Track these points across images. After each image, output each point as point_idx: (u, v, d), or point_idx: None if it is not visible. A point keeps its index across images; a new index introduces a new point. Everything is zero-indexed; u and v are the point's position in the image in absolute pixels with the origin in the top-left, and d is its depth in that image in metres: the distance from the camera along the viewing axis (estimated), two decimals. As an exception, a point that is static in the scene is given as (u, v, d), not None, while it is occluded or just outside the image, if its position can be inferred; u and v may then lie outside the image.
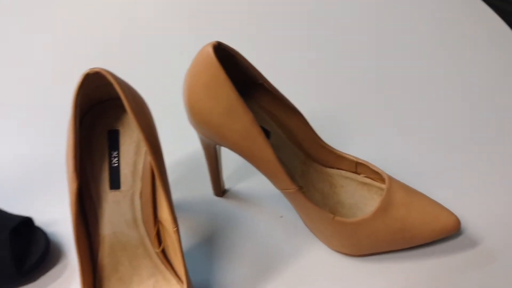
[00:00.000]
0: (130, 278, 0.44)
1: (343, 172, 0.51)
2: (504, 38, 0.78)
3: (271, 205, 0.53)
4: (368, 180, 0.50)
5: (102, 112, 0.44)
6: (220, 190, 0.54)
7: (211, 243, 0.50)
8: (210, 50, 0.39)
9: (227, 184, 0.56)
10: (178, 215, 0.46)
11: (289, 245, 0.49)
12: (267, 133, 0.48)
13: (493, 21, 0.82)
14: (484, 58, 0.75)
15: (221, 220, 0.52)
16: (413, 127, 0.63)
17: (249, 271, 0.47)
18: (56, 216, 0.54)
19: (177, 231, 0.41)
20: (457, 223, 0.44)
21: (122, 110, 0.44)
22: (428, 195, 0.48)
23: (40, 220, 0.53)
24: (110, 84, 0.39)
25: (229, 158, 0.53)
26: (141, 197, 0.44)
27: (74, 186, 0.39)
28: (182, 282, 0.42)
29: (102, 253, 0.44)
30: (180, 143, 0.59)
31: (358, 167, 0.50)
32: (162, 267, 0.44)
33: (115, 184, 0.43)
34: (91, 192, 0.43)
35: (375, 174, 0.48)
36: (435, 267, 0.45)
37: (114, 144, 0.43)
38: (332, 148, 0.50)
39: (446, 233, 0.44)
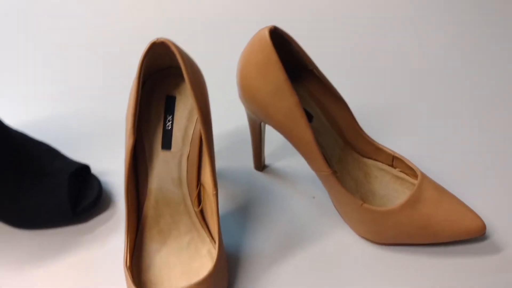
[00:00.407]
0: (169, 231, 0.48)
1: (379, 164, 0.53)
2: None
3: (306, 185, 0.56)
4: (402, 175, 0.51)
5: (162, 78, 0.49)
6: (260, 164, 0.57)
7: (245, 212, 0.54)
8: (266, 33, 0.42)
9: (268, 160, 0.59)
10: (219, 181, 0.50)
11: (317, 224, 0.52)
12: (310, 117, 0.51)
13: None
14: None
15: (257, 192, 0.56)
16: (458, 129, 0.64)
17: (276, 243, 0.50)
18: (110, 167, 0.59)
19: (216, 195, 0.45)
20: (482, 227, 0.45)
21: (181, 78, 0.48)
22: (461, 197, 0.49)
23: (96, 169, 0.59)
24: (173, 54, 0.43)
25: (272, 137, 0.57)
26: (188, 159, 0.48)
27: (131, 141, 0.44)
28: (214, 242, 0.46)
29: (147, 205, 0.48)
30: (229, 116, 0.63)
31: (394, 161, 0.51)
32: (199, 225, 0.48)
33: (166, 145, 0.48)
34: (144, 149, 0.48)
35: (410, 170, 0.50)
36: (453, 267, 0.46)
37: (170, 108, 0.48)
38: (372, 139, 0.52)
39: (470, 235, 0.46)
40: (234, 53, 0.53)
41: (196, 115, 0.47)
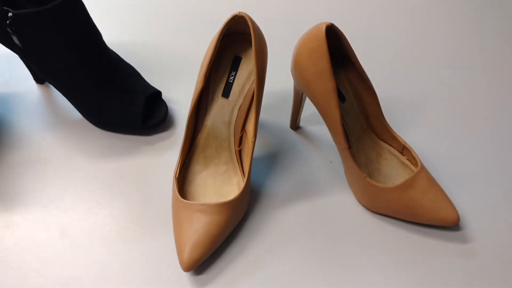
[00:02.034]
0: (212, 159, 0.61)
1: (391, 148, 0.63)
2: None
3: (327, 151, 0.67)
4: (408, 162, 0.62)
5: (235, 41, 0.60)
6: (295, 125, 0.69)
7: (273, 159, 0.66)
8: (323, 28, 0.52)
9: (302, 123, 0.71)
10: (258, 130, 0.61)
11: (327, 183, 0.63)
12: (343, 98, 0.62)
13: None
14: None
15: (287, 147, 0.68)
16: (468, 129, 0.72)
17: (290, 189, 0.62)
18: (177, 97, 0.72)
19: (254, 142, 0.57)
20: (456, 219, 0.55)
21: (249, 45, 0.59)
22: (451, 191, 0.59)
23: (166, 96, 0.72)
24: (247, 25, 0.54)
25: (310, 105, 0.67)
26: (239, 109, 0.60)
27: (200, 86, 0.56)
28: (244, 176, 0.59)
29: (200, 135, 0.61)
30: (280, 81, 0.74)
31: (404, 149, 0.62)
32: (235, 161, 0.61)
33: (226, 93, 0.60)
34: (208, 93, 0.60)
35: (414, 160, 0.60)
36: (422, 244, 0.57)
37: (235, 66, 0.59)
38: (390, 127, 0.62)
39: (445, 223, 0.55)
40: (294, 35, 0.63)
41: (253, 77, 0.59)
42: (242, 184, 0.59)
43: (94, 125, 0.68)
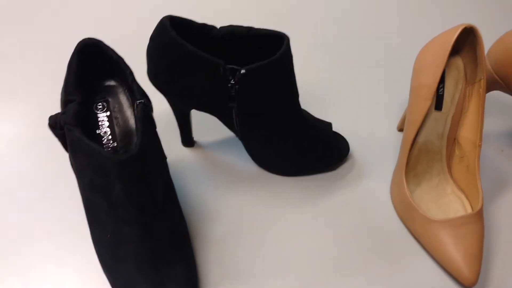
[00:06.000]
0: (423, 175, 0.61)
1: None
2: None
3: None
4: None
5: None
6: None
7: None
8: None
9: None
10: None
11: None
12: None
13: None
14: None
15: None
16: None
17: (491, 186, 0.64)
18: (337, 126, 0.70)
19: (481, 146, 0.58)
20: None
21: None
22: None
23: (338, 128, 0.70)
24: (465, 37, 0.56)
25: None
26: (452, 118, 0.61)
27: (429, 103, 0.56)
28: (454, 182, 0.60)
29: (410, 154, 0.61)
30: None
31: None
32: (446, 169, 0.61)
33: (438, 106, 0.60)
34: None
35: None
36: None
37: (442, 78, 0.60)
38: None
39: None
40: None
41: (460, 85, 0.60)
42: (457, 191, 0.60)
43: (276, 174, 0.64)
